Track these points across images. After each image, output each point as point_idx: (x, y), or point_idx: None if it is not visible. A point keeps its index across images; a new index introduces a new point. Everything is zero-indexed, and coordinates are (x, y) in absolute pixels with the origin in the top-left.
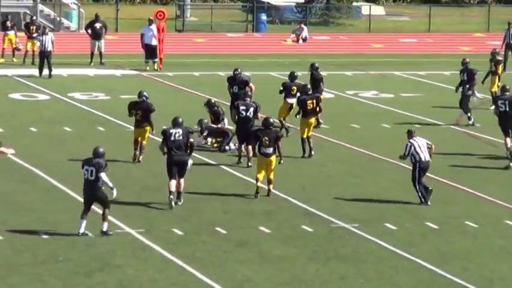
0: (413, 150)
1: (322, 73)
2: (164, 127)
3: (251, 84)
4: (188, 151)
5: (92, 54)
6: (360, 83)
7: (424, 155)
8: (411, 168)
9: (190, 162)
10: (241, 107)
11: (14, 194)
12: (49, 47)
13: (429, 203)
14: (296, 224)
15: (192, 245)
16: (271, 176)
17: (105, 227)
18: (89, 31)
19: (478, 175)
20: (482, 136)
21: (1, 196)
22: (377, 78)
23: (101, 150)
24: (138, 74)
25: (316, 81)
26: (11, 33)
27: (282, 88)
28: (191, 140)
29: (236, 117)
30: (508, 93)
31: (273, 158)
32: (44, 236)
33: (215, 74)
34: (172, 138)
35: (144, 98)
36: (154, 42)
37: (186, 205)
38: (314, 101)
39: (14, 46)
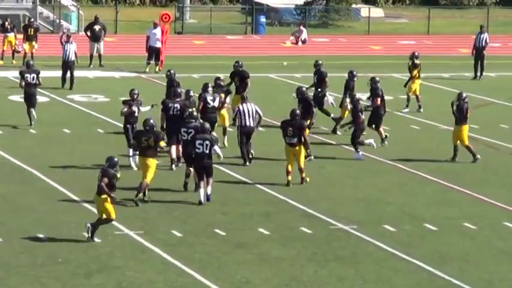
0: (240, 115)
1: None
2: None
3: (248, 81)
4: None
5: (91, 56)
6: (359, 85)
7: (249, 121)
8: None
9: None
10: (209, 97)
11: (13, 196)
12: (72, 57)
13: (247, 163)
14: (295, 226)
15: (191, 246)
16: (302, 165)
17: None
18: (88, 33)
19: (477, 177)
20: (481, 138)
21: (0, 197)
22: None
23: (207, 126)
24: (137, 76)
25: (321, 79)
26: (11, 35)
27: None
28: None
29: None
30: None
31: (298, 147)
32: (43, 238)
33: (214, 76)
34: (171, 112)
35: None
36: (158, 44)
37: (185, 207)
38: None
39: (13, 48)
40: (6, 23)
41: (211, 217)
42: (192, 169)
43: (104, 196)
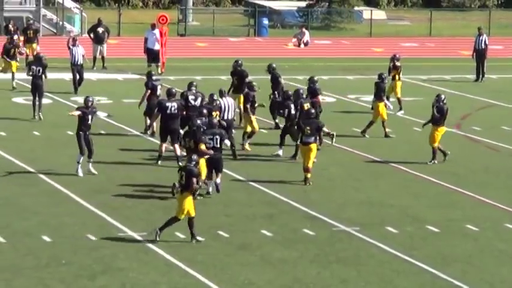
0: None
1: (324, 77)
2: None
3: (247, 80)
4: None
5: (95, 58)
6: (362, 87)
7: (228, 114)
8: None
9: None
10: (190, 97)
11: (17, 198)
12: (80, 60)
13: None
14: (297, 228)
15: (194, 248)
16: (310, 165)
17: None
18: (91, 35)
19: (479, 179)
20: (483, 140)
21: (4, 200)
22: None
23: (215, 121)
24: (140, 78)
25: (275, 81)
26: (15, 37)
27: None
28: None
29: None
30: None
31: (313, 145)
32: (47, 240)
33: (217, 78)
34: (168, 111)
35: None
36: (157, 46)
37: None
38: (309, 103)
39: (17, 50)
40: (10, 25)
41: (215, 219)
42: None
43: (187, 193)
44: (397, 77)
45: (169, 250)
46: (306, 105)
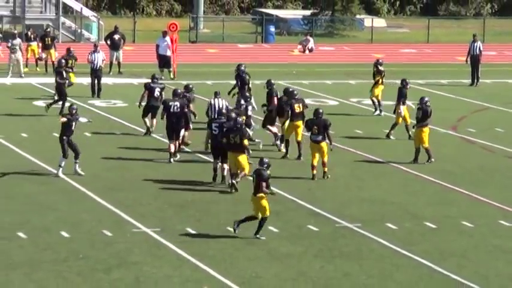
0: (211, 108)
1: (328, 81)
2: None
3: (248, 85)
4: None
5: (111, 64)
6: (363, 91)
7: (215, 114)
8: None
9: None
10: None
11: (37, 195)
12: (99, 65)
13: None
14: (302, 224)
15: (204, 243)
16: (325, 159)
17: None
18: (108, 42)
19: (474, 178)
20: (478, 141)
21: (25, 197)
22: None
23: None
24: None
25: (243, 83)
26: (34, 44)
27: None
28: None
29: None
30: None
31: (323, 144)
32: (65, 235)
33: (227, 83)
34: (171, 110)
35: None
36: (168, 53)
37: (198, 206)
38: (301, 104)
39: (37, 56)
40: (29, 32)
41: (224, 216)
42: (219, 162)
43: (261, 195)
44: (380, 80)
45: (181, 245)
46: (298, 106)
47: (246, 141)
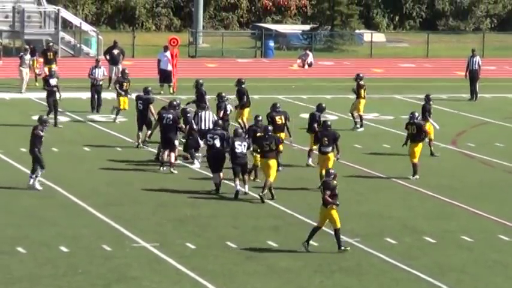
0: (198, 120)
1: (327, 96)
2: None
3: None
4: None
5: (110, 78)
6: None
7: (206, 124)
8: None
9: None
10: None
11: (36, 210)
12: (99, 80)
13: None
14: (302, 239)
15: (204, 258)
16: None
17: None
18: (107, 57)
19: (474, 192)
20: (477, 156)
21: (24, 211)
22: (378, 101)
23: (220, 122)
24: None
25: (201, 96)
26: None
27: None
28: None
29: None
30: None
31: (331, 155)
32: (65, 250)
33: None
34: (164, 121)
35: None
36: (169, 67)
37: (198, 221)
38: (282, 117)
39: (36, 71)
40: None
41: (223, 230)
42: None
43: (330, 206)
44: (362, 95)
45: (181, 260)
46: (279, 118)
47: (281, 147)
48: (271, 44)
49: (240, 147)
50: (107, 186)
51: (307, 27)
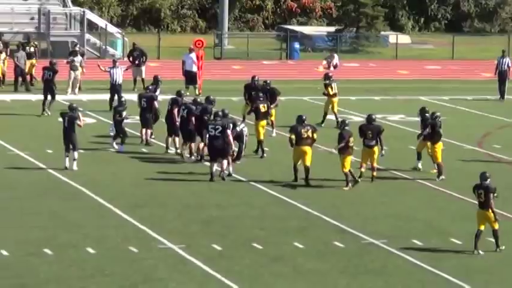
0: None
1: (352, 98)
2: None
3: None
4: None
5: (135, 80)
6: (388, 107)
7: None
8: None
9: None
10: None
11: (63, 212)
12: (119, 80)
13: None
14: (328, 240)
15: (230, 259)
16: (375, 164)
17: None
18: (130, 59)
19: (500, 194)
20: (503, 157)
21: (51, 213)
22: (403, 102)
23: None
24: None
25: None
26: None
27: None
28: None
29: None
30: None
31: (375, 149)
32: (91, 251)
33: None
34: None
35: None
36: (194, 69)
37: (224, 222)
38: (265, 105)
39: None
40: (28, 47)
41: (250, 232)
42: (215, 165)
43: (490, 211)
44: (330, 93)
45: (207, 261)
46: (263, 106)
47: (315, 135)
48: (297, 46)
49: (214, 130)
50: (133, 188)
51: (332, 29)
